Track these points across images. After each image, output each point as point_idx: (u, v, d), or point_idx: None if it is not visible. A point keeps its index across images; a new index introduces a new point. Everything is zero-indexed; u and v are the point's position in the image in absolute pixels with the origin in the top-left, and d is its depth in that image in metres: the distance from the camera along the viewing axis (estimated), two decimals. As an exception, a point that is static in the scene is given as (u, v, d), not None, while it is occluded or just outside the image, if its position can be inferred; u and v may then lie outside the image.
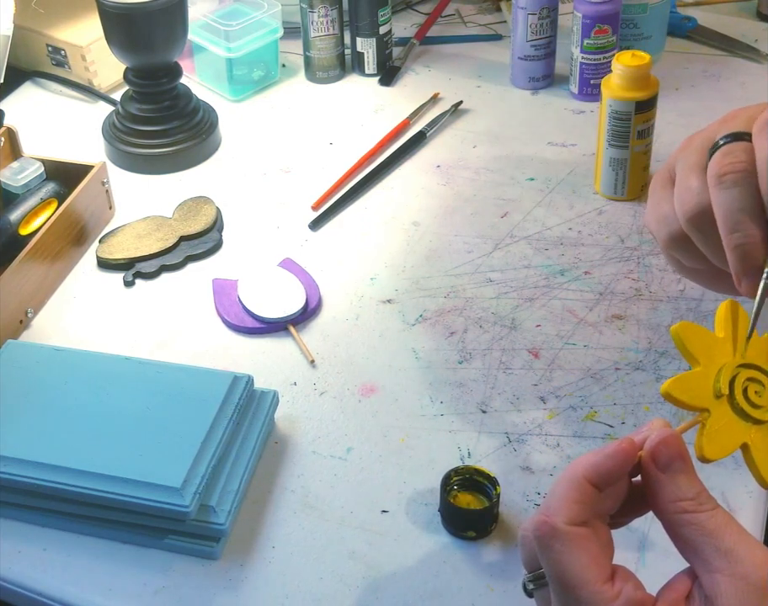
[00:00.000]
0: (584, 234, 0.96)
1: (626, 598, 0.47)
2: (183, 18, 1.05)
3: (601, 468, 0.50)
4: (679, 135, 1.08)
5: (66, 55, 1.19)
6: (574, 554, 0.48)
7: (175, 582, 0.68)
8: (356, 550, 0.70)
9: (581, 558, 0.48)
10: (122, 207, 1.03)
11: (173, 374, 0.77)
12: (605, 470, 0.50)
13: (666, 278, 0.90)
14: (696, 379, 0.53)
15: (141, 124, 1.08)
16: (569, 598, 0.47)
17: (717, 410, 0.53)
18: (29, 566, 0.69)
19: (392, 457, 0.76)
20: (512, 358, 0.84)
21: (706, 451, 0.52)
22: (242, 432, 0.74)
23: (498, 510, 0.70)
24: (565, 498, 0.49)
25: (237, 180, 1.07)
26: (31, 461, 0.70)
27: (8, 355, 0.79)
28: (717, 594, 0.47)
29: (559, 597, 0.48)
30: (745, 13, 1.31)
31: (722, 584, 0.47)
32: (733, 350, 0.55)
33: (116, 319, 0.90)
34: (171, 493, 0.67)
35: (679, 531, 0.50)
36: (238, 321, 0.88)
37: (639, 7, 1.15)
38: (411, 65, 1.25)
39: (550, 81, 1.19)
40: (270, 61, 1.21)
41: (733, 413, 0.53)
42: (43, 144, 1.09)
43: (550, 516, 0.49)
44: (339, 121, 1.16)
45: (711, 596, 0.47)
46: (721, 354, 0.54)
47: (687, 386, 0.53)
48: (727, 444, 0.52)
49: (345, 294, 0.91)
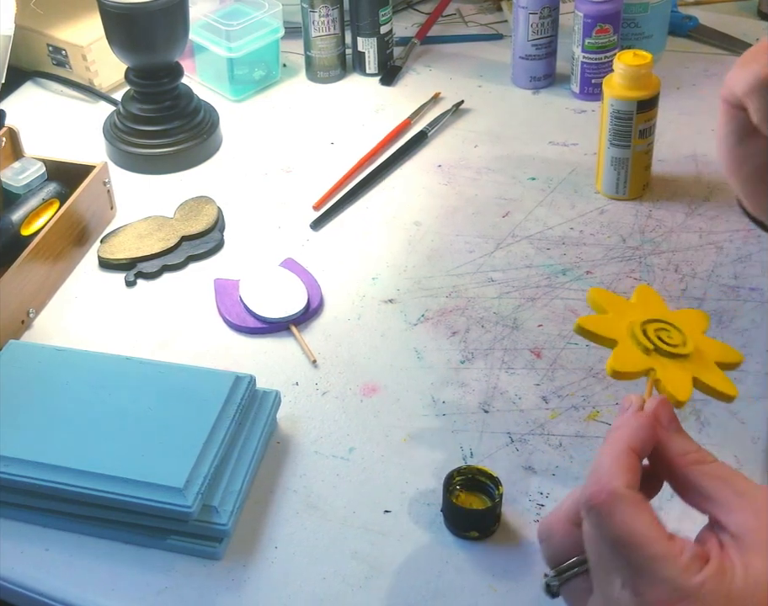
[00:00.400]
0: (585, 233, 0.96)
1: (692, 552, 0.48)
2: (184, 18, 1.05)
3: (641, 436, 0.52)
4: (680, 135, 1.09)
5: (66, 55, 1.19)
6: (640, 514, 0.49)
7: (177, 583, 0.68)
8: (359, 550, 0.69)
9: (646, 517, 0.49)
10: (123, 207, 1.02)
11: (174, 375, 0.77)
12: (644, 439, 0.52)
13: (668, 277, 0.90)
14: (608, 319, 0.59)
15: (143, 124, 1.08)
16: (637, 560, 0.48)
17: (627, 340, 0.58)
18: (31, 566, 0.69)
19: (394, 457, 0.76)
20: (514, 357, 0.84)
21: (614, 364, 0.57)
22: (245, 432, 0.74)
23: (501, 510, 0.70)
24: (617, 467, 0.50)
25: (238, 180, 1.07)
26: (33, 461, 0.70)
27: (10, 355, 0.79)
28: (744, 531, 0.48)
29: (622, 562, 0.49)
30: (746, 12, 1.31)
31: (748, 520, 0.49)
32: (642, 311, 0.61)
33: (118, 319, 0.90)
34: (173, 493, 0.67)
35: (694, 482, 0.51)
36: (240, 322, 0.88)
37: (640, 7, 1.15)
38: (412, 64, 1.25)
39: (551, 80, 1.19)
40: (271, 61, 1.21)
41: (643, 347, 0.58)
42: (44, 144, 1.09)
43: (605, 484, 0.50)
44: (340, 121, 1.16)
45: (738, 533, 0.48)
46: (632, 312, 0.60)
47: (599, 322, 0.59)
48: (635, 363, 0.57)
49: (347, 294, 0.91)
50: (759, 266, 0.91)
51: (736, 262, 0.92)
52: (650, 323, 0.60)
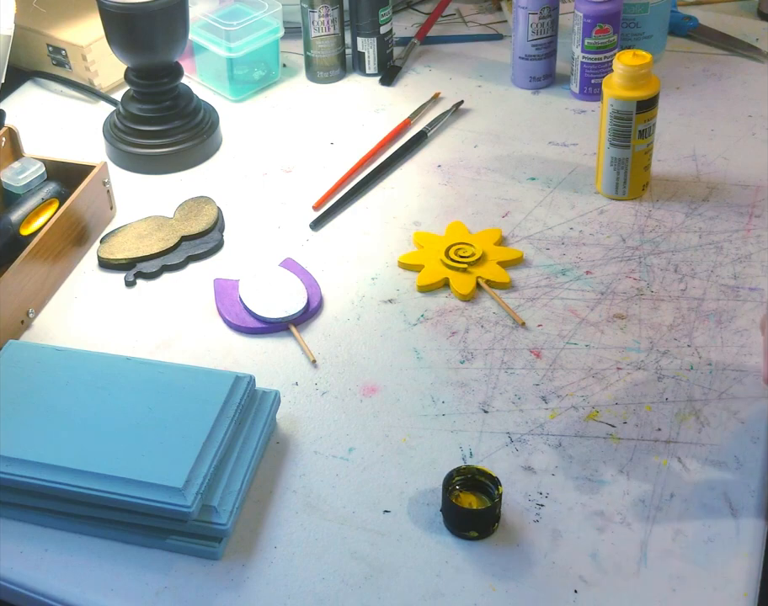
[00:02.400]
0: (585, 234, 0.96)
1: None
2: (183, 19, 1.05)
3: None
4: (680, 135, 1.09)
5: (66, 55, 1.19)
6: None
7: (177, 583, 0.68)
8: (358, 550, 0.69)
9: None
10: (123, 207, 1.02)
11: (174, 375, 0.77)
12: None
13: (667, 277, 0.90)
14: (419, 252, 0.94)
15: (142, 124, 1.08)
16: None
17: (432, 263, 0.92)
18: (30, 566, 0.69)
19: (393, 457, 0.76)
20: (514, 357, 0.84)
21: (417, 280, 0.90)
22: (244, 432, 0.74)
23: (501, 510, 0.70)
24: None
25: (238, 180, 1.07)
26: (33, 462, 0.70)
27: (10, 355, 0.79)
28: None
29: None
30: (746, 12, 1.31)
31: None
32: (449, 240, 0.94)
33: (117, 319, 0.90)
34: (173, 493, 0.67)
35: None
36: (240, 322, 0.88)
37: (640, 7, 1.15)
38: (412, 64, 1.25)
39: (551, 80, 1.19)
40: (271, 61, 1.21)
41: (443, 266, 0.91)
42: (44, 144, 1.09)
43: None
44: (340, 121, 1.16)
45: None
46: (440, 242, 0.94)
47: (411, 256, 0.93)
48: (431, 277, 0.90)
49: (346, 294, 0.91)
50: (758, 266, 0.91)
51: (736, 262, 0.92)
52: (453, 246, 0.93)
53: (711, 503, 0.71)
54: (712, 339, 0.84)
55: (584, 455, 0.75)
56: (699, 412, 0.78)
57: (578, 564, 0.68)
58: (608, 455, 0.75)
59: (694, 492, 0.72)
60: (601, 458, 0.75)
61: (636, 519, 0.70)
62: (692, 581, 0.66)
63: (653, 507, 0.71)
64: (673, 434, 0.76)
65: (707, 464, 0.74)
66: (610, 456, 0.75)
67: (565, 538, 0.69)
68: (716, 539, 0.69)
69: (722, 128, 1.10)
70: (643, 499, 0.72)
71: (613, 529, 0.70)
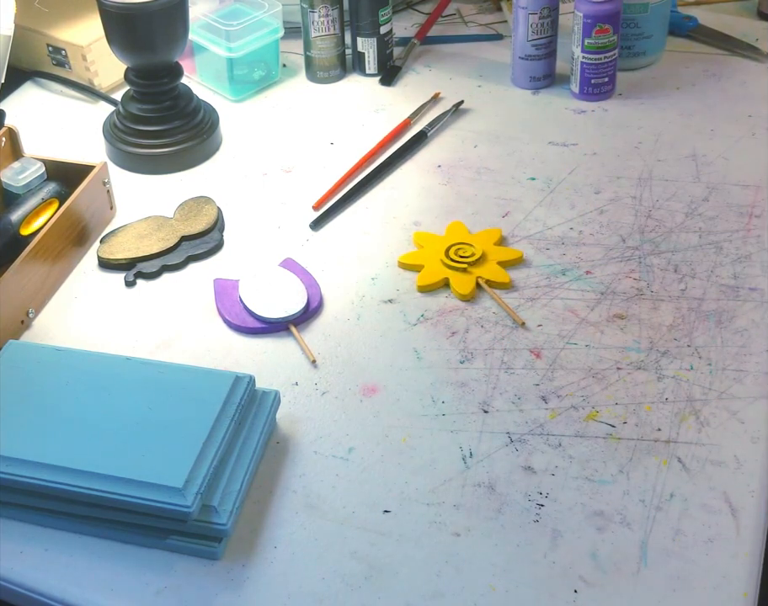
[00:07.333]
0: (585, 233, 0.96)
1: None
2: (183, 18, 1.05)
3: None
4: (680, 135, 1.09)
5: (66, 55, 1.19)
6: None
7: (177, 583, 0.68)
8: (358, 550, 0.69)
9: None
10: (123, 207, 1.02)
11: (174, 375, 0.77)
12: None
13: (667, 277, 0.90)
14: (419, 252, 0.94)
15: (142, 124, 1.08)
16: None
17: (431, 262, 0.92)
18: (30, 566, 0.69)
19: (393, 457, 0.76)
20: (514, 357, 0.84)
21: (418, 281, 0.91)
22: (244, 432, 0.74)
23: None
24: None
25: (237, 180, 1.07)
26: (33, 461, 0.70)
27: (10, 355, 0.79)
28: None
29: None
30: (746, 12, 1.31)
31: None
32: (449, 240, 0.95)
33: (117, 319, 0.90)
34: (173, 493, 0.67)
35: None
36: (240, 322, 0.88)
37: (640, 7, 1.15)
38: (412, 64, 1.25)
39: (551, 80, 1.19)
40: (271, 61, 1.21)
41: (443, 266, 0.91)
42: (44, 144, 1.09)
43: None
44: (340, 121, 1.16)
45: None
46: (440, 242, 0.94)
47: (410, 256, 0.94)
48: (431, 277, 0.91)
49: (346, 294, 0.91)
50: (758, 266, 0.91)
51: (735, 262, 0.92)
52: (453, 246, 0.93)
53: (711, 503, 0.71)
54: (711, 339, 0.84)
55: (584, 455, 0.75)
56: (699, 412, 0.78)
57: (578, 564, 0.68)
58: (608, 455, 0.75)
59: (694, 492, 0.72)
60: (601, 458, 0.75)
61: (636, 519, 0.70)
62: (692, 581, 0.66)
63: (653, 507, 0.71)
64: (673, 434, 0.76)
65: (707, 464, 0.74)
66: (610, 456, 0.75)
67: (565, 538, 0.69)
68: (716, 539, 0.69)
69: (722, 128, 1.10)
70: (643, 499, 0.72)
71: (613, 529, 0.70)
